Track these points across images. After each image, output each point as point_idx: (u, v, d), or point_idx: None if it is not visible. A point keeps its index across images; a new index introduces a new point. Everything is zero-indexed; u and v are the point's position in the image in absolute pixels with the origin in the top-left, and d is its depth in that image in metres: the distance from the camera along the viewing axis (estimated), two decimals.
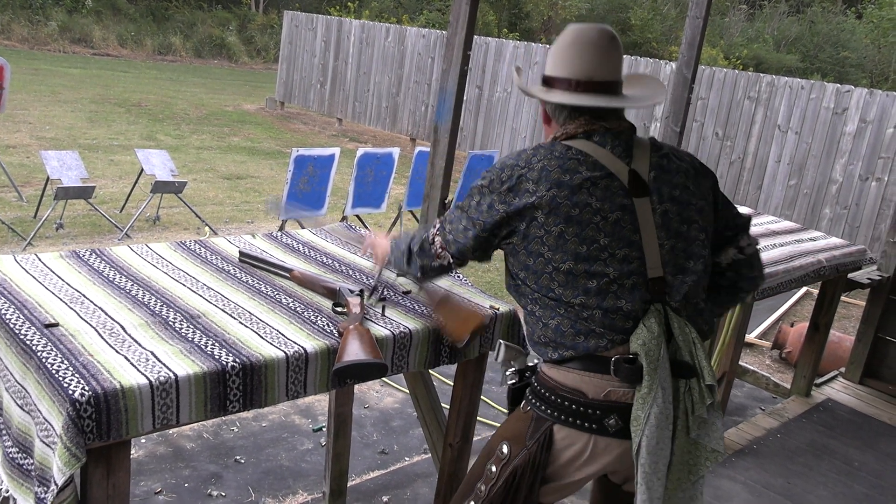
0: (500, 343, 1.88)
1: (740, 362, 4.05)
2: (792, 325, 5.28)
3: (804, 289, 6.38)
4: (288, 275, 2.10)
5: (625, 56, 10.35)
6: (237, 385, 1.59)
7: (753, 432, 3.72)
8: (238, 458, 3.27)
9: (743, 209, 4.41)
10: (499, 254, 1.83)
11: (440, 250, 1.82)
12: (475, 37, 11.62)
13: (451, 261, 1.83)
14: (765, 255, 3.37)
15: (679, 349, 1.64)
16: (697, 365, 1.64)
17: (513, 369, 1.82)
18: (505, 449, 1.72)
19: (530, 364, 1.82)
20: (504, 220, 1.68)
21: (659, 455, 1.60)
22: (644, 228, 1.64)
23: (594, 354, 1.62)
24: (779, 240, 3.76)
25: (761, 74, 9.37)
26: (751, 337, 5.48)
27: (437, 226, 1.84)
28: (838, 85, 8.71)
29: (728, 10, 26.77)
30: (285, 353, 1.67)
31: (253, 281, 2.06)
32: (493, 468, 1.73)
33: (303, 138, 12.25)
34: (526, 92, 1.85)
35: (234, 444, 3.37)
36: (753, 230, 1.89)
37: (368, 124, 13.57)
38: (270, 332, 1.75)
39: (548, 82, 1.78)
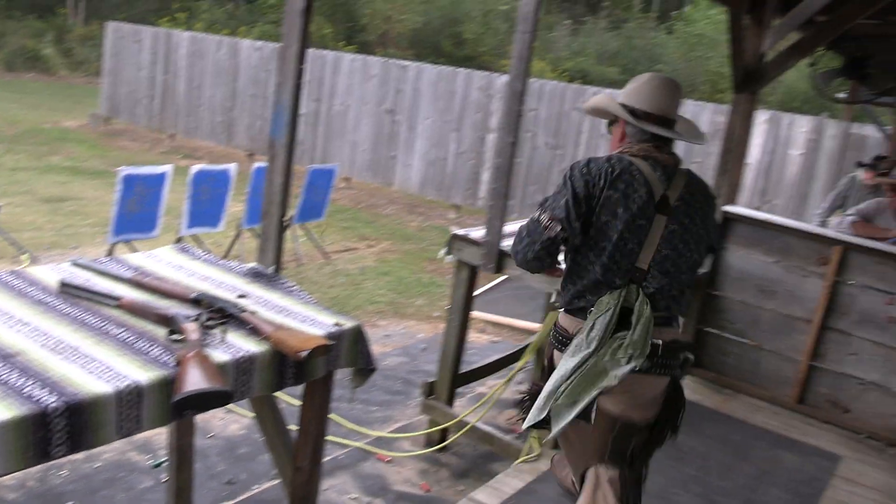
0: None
1: None
2: None
3: None
4: (116, 303, 1.98)
5: (460, 70, 10.60)
6: (61, 427, 1.47)
7: None
8: (70, 503, 3.03)
9: None
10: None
11: (549, 222, 2.31)
12: (312, 49, 11.54)
13: (559, 229, 2.29)
14: None
15: (638, 317, 2.23)
16: (639, 331, 2.23)
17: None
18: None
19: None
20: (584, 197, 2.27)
21: (586, 379, 2.23)
22: (652, 236, 2.27)
23: (579, 306, 2.34)
24: None
25: (586, 86, 9.92)
26: None
27: (541, 209, 2.37)
28: None
29: (554, 25, 28.13)
30: (116, 387, 1.56)
31: (77, 312, 1.92)
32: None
33: (131, 156, 11.61)
34: (618, 116, 2.42)
35: (63, 489, 3.12)
36: None
37: (202, 140, 13.09)
38: (98, 367, 1.64)
39: (634, 112, 2.37)
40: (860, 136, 9.29)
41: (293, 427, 2.29)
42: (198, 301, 2.05)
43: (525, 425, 2.37)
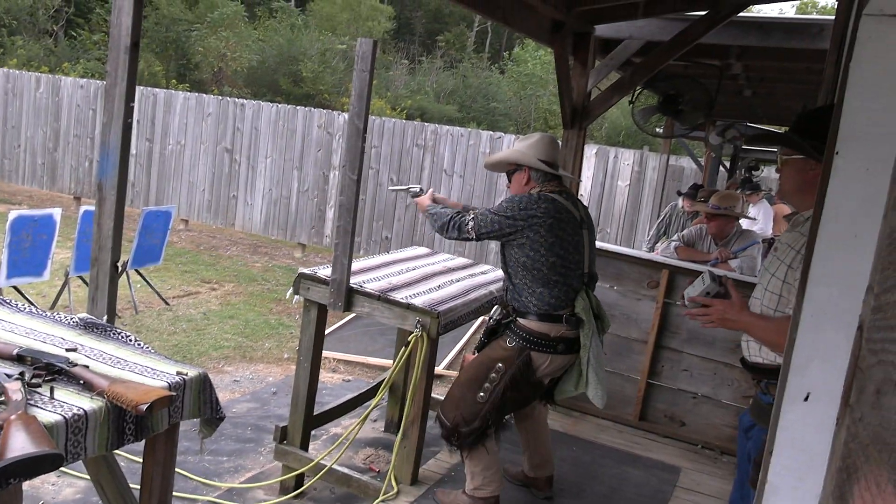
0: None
1: (433, 394, 4.27)
2: (474, 353, 5.68)
3: (480, 318, 6.92)
4: None
5: (300, 108, 10.53)
6: None
7: (452, 460, 3.93)
8: None
9: (421, 249, 4.69)
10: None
11: (470, 231, 3.20)
12: (142, 87, 11.08)
13: (474, 236, 3.19)
14: (444, 292, 3.61)
15: (594, 307, 3.20)
16: (600, 313, 3.26)
17: (495, 319, 3.31)
18: (500, 365, 3.14)
19: (501, 318, 3.29)
20: (517, 229, 3.10)
21: (599, 358, 3.21)
22: (584, 246, 3.20)
23: (553, 314, 3.12)
24: (455, 276, 4.05)
25: (426, 123, 10.14)
26: (439, 369, 5.81)
27: (471, 220, 3.20)
28: (491, 132, 9.74)
29: (391, 64, 28.64)
30: None
31: None
32: (494, 375, 3.14)
33: None
34: (531, 167, 3.24)
35: None
36: (430, 269, 3.44)
37: (22, 183, 12.17)
38: None
39: (544, 162, 3.24)
40: (678, 167, 10.08)
41: (135, 486, 2.14)
42: (21, 357, 1.89)
43: (601, 405, 3.26)
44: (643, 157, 9.07)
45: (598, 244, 3.99)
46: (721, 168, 10.38)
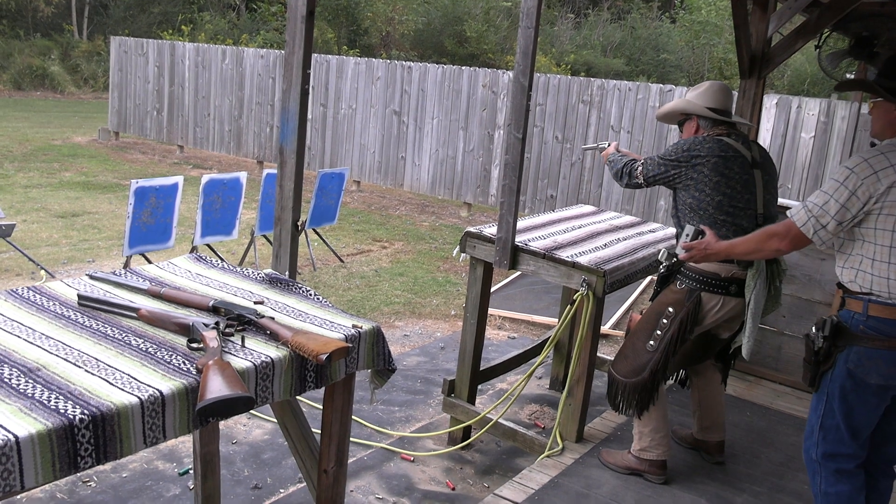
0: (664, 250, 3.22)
1: (598, 353, 4.23)
2: (641, 313, 5.56)
3: (648, 278, 6.75)
4: (135, 314, 1.99)
5: (465, 68, 10.60)
6: (88, 439, 1.48)
7: (617, 420, 3.89)
8: None
9: (586, 207, 4.62)
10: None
11: (639, 175, 3.25)
12: (315, 55, 11.56)
13: (642, 181, 3.24)
14: (610, 250, 3.55)
15: None
16: (777, 258, 3.14)
17: (665, 266, 3.19)
18: (671, 310, 3.09)
19: (670, 264, 3.18)
20: (681, 170, 3.09)
21: (758, 303, 3.06)
22: (757, 187, 3.09)
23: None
24: (622, 234, 3.97)
25: (592, 79, 9.88)
26: (605, 328, 5.74)
27: (640, 166, 3.25)
28: (661, 85, 9.33)
29: (556, 19, 28.05)
30: (139, 398, 1.57)
31: (97, 325, 1.93)
32: (665, 321, 3.09)
33: (142, 168, 11.69)
34: (700, 115, 3.20)
35: (92, 500, 3.14)
36: (596, 227, 3.25)
37: (212, 150, 13.15)
38: (121, 378, 1.65)
39: (714, 110, 3.18)
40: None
41: (316, 430, 2.30)
42: (216, 309, 2.06)
43: (746, 356, 3.18)
44: (830, 107, 8.36)
45: (781, 200, 3.74)
46: None
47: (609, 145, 3.66)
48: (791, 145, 8.48)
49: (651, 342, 3.10)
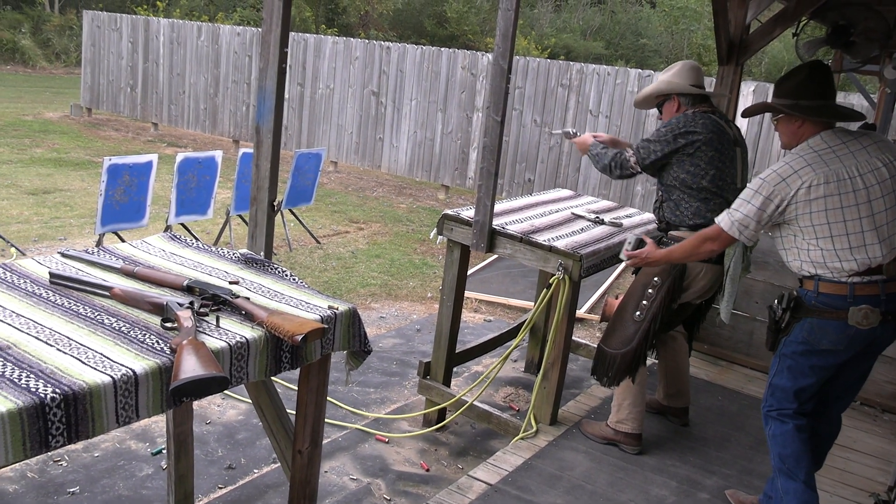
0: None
1: (574, 337, 4.26)
2: (616, 298, 5.60)
3: (624, 263, 6.79)
4: (108, 293, 1.96)
5: (444, 50, 10.54)
6: (59, 418, 1.46)
7: (591, 402, 3.93)
8: (72, 490, 3.03)
9: (564, 191, 4.63)
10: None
11: (633, 164, 3.28)
12: (293, 33, 11.43)
13: (639, 169, 3.27)
14: (587, 234, 3.56)
15: None
16: None
17: (636, 239, 3.14)
18: (657, 279, 3.20)
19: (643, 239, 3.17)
20: (678, 147, 3.16)
21: (736, 269, 3.39)
22: (737, 163, 3.26)
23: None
24: (600, 218, 3.98)
25: (571, 63, 9.87)
26: (580, 312, 5.77)
27: (632, 155, 3.27)
28: (640, 70, 9.35)
29: (536, 2, 27.98)
30: (112, 377, 1.55)
31: (69, 303, 1.91)
32: (651, 291, 3.20)
33: (115, 146, 11.52)
34: (682, 92, 3.28)
35: (63, 479, 3.12)
36: (575, 211, 3.25)
37: (187, 127, 12.99)
38: (93, 357, 1.63)
39: (684, 88, 3.29)
40: (847, 104, 9.29)
41: (291, 411, 2.29)
42: (190, 288, 2.04)
43: (726, 319, 3.60)
44: None
45: None
46: None
47: (578, 134, 3.70)
48: (767, 132, 8.56)
49: (638, 312, 3.22)
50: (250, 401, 3.17)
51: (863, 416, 4.17)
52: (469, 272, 5.07)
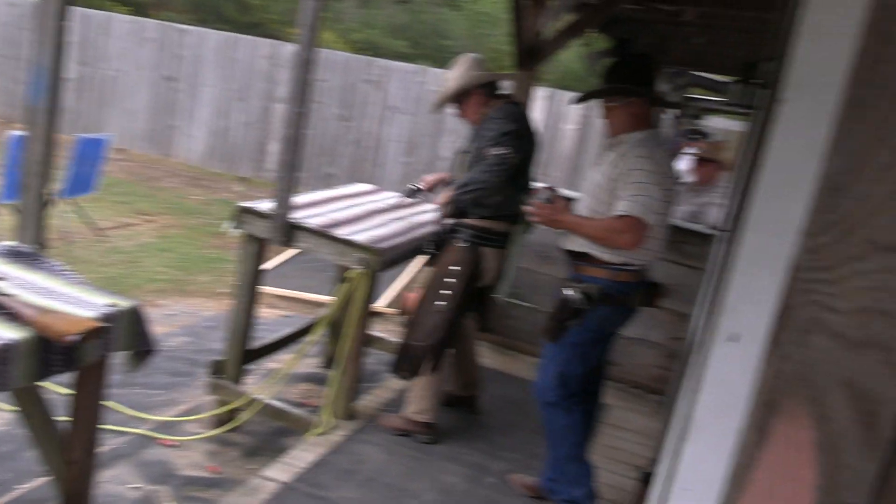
0: None
1: (370, 331, 4.27)
2: (414, 292, 5.70)
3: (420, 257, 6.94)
4: None
5: (243, 37, 10.21)
6: None
7: (386, 395, 3.96)
8: None
9: (366, 186, 4.64)
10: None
11: (486, 181, 3.24)
12: (78, 9, 10.53)
13: (496, 179, 3.22)
14: (386, 230, 3.58)
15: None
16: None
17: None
18: (455, 267, 3.24)
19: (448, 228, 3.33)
20: (520, 140, 3.32)
21: (514, 251, 3.47)
22: (534, 152, 3.47)
23: (503, 213, 3.29)
24: (398, 214, 4.03)
25: (375, 59, 9.94)
26: (377, 306, 5.81)
27: (478, 182, 3.23)
28: (441, 70, 9.60)
29: None
30: None
31: None
32: (450, 279, 3.23)
33: None
34: (487, 81, 3.37)
35: None
36: (374, 206, 3.24)
37: None
38: None
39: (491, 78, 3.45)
40: None
41: (64, 418, 2.10)
42: None
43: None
44: (591, 102, 9.08)
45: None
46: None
47: (419, 188, 3.79)
48: (556, 135, 9.10)
49: (441, 301, 3.26)
50: (15, 408, 2.87)
51: (632, 397, 4.55)
52: (268, 267, 4.94)
